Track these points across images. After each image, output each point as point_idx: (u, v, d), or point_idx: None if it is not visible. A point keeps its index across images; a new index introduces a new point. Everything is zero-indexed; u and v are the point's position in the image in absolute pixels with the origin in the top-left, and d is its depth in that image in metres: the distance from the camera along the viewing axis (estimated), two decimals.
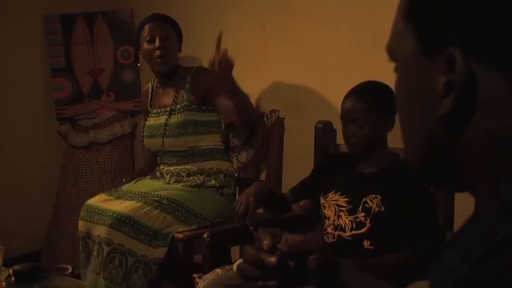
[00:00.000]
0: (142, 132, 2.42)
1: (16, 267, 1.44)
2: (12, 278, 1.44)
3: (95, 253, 2.13)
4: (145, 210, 2.12)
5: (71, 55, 3.14)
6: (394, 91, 0.57)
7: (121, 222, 2.08)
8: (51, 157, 3.21)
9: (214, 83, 2.28)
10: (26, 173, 3.14)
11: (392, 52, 0.56)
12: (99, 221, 2.13)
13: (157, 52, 2.27)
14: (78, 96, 3.14)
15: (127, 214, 2.10)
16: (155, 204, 2.15)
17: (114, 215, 2.09)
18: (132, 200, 2.18)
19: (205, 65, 2.31)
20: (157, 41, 2.27)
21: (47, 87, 3.17)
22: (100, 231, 2.11)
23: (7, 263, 1.69)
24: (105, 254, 2.08)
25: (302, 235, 1.16)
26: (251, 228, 1.78)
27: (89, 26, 3.14)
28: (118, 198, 2.21)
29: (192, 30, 2.41)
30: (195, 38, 2.84)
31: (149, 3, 2.83)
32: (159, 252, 2.09)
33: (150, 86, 2.49)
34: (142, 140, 2.43)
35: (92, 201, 2.22)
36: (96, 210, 2.16)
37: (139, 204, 2.14)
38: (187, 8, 2.90)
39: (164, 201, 2.17)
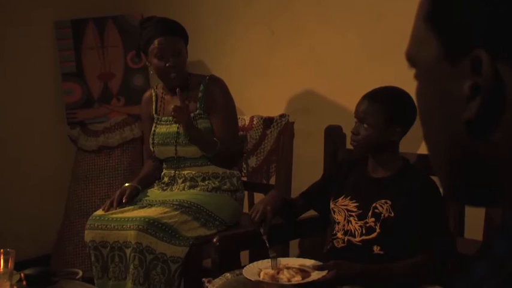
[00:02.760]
0: (153, 139, 2.37)
1: (27, 271, 1.45)
2: (24, 282, 1.45)
3: (116, 259, 2.12)
4: (165, 211, 2.15)
5: (81, 60, 3.16)
6: (415, 98, 0.56)
7: (144, 223, 2.09)
8: (61, 161, 3.22)
9: (219, 100, 2.30)
10: (37, 176, 3.16)
11: (413, 58, 0.55)
12: (117, 227, 2.14)
13: (170, 70, 2.25)
14: (88, 101, 3.16)
15: (149, 216, 2.12)
16: (175, 207, 2.17)
17: (138, 218, 2.11)
18: (152, 206, 2.20)
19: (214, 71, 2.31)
20: (170, 59, 2.23)
21: (57, 91, 3.19)
22: (121, 236, 2.11)
23: (18, 267, 1.70)
24: (128, 257, 2.09)
25: None
26: (264, 237, 1.80)
27: (100, 31, 3.16)
28: (139, 207, 2.23)
29: (201, 36, 2.42)
30: (203, 43, 2.85)
31: (159, 8, 2.84)
32: (180, 251, 2.09)
33: (153, 93, 2.44)
34: (152, 147, 2.37)
35: (107, 213, 2.22)
36: (114, 219, 2.17)
37: (159, 208, 2.17)
38: (197, 13, 2.91)
39: (185, 204, 2.18)
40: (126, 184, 2.35)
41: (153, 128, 2.39)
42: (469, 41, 0.48)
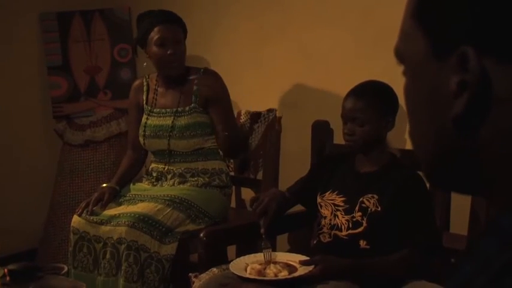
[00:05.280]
0: (144, 130, 2.34)
1: (11, 266, 1.43)
2: (8, 278, 1.43)
3: (108, 256, 2.11)
4: (158, 208, 2.14)
5: (67, 53, 3.12)
6: (404, 94, 0.56)
7: (139, 220, 2.08)
8: (47, 155, 3.19)
9: (217, 90, 2.29)
10: (22, 170, 3.13)
11: (401, 54, 0.55)
12: (105, 222, 2.14)
13: (171, 58, 2.23)
14: (74, 94, 3.13)
15: (143, 212, 2.11)
16: (167, 203, 2.16)
17: (132, 215, 2.10)
18: (143, 202, 2.19)
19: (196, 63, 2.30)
20: (171, 47, 2.22)
21: (43, 85, 3.16)
22: (115, 233, 2.10)
23: (2, 262, 1.68)
24: (121, 254, 2.08)
25: None
26: (262, 230, 1.80)
27: (86, 24, 3.13)
28: (129, 202, 2.22)
29: (189, 29, 2.40)
30: (192, 37, 2.83)
31: (147, 1, 2.82)
32: (170, 248, 2.09)
33: (144, 83, 2.41)
34: (143, 139, 2.35)
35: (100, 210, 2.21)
36: (109, 215, 2.17)
37: (151, 203, 2.16)
38: (185, 7, 2.89)
39: (176, 200, 2.18)
40: (104, 184, 2.32)
41: (144, 120, 2.36)
42: (456, 37, 0.48)
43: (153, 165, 2.39)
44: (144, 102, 2.39)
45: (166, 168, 2.33)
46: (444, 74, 0.49)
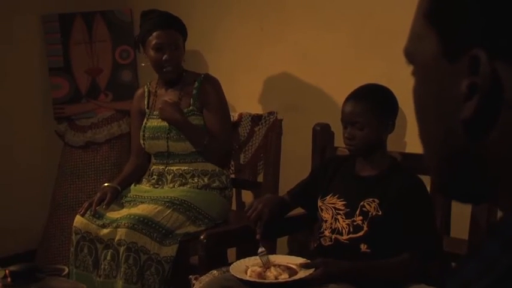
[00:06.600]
0: (143, 132, 2.37)
1: (12, 267, 1.44)
2: (9, 279, 1.44)
3: (109, 257, 2.12)
4: (158, 209, 2.15)
5: (69, 54, 3.13)
6: (412, 95, 0.55)
7: (138, 222, 2.09)
8: (48, 156, 3.19)
9: (213, 98, 2.33)
10: (23, 171, 3.13)
11: (411, 55, 0.54)
12: (107, 225, 2.15)
13: (167, 63, 2.28)
14: (76, 96, 3.13)
15: (143, 214, 2.12)
16: (167, 204, 2.17)
17: (132, 216, 2.11)
18: (143, 203, 2.20)
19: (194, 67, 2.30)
20: (167, 52, 2.27)
21: (44, 86, 3.16)
22: (115, 234, 2.10)
23: (3, 262, 1.68)
24: (120, 255, 2.08)
25: None
26: (258, 236, 1.80)
27: (88, 26, 3.13)
28: (130, 205, 2.23)
29: (190, 31, 2.41)
30: (192, 39, 2.84)
31: (148, 3, 2.82)
32: (171, 250, 2.10)
33: (146, 89, 2.46)
34: (143, 141, 2.38)
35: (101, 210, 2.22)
36: (109, 216, 2.18)
37: (151, 205, 2.17)
38: (186, 9, 2.90)
39: (176, 202, 2.19)
40: (106, 184, 2.34)
41: (144, 122, 2.40)
42: (468, 39, 0.48)
43: (153, 166, 2.40)
44: (146, 107, 2.43)
45: (166, 169, 2.34)
46: (455, 75, 0.49)
